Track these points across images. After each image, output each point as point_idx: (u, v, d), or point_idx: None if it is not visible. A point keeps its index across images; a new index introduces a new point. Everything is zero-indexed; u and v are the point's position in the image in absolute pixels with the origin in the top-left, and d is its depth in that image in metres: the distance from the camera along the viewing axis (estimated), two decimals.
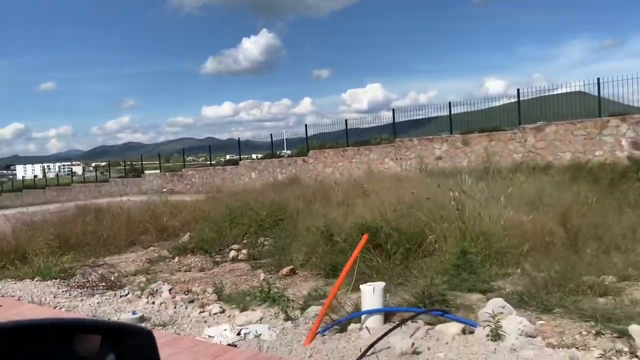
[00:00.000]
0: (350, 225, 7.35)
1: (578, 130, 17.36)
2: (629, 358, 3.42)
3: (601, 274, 5.74)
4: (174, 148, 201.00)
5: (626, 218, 8.24)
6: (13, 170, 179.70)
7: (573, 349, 3.66)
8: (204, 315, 5.49)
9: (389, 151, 22.27)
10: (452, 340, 4.01)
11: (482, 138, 19.66)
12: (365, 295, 4.54)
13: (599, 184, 11.52)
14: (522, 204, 8.81)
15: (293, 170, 25.54)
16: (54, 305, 6.57)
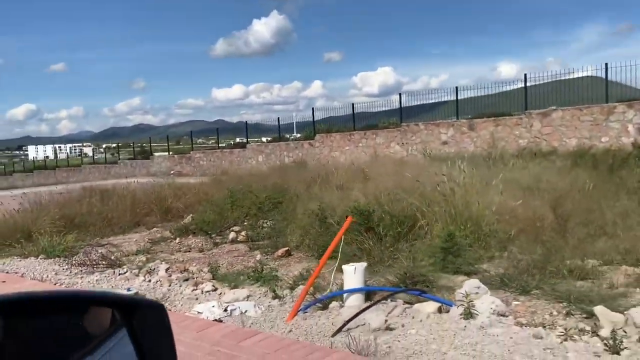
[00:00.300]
0: (344, 209, 7.53)
1: (584, 116, 17.33)
2: (589, 337, 3.58)
3: (585, 258, 5.89)
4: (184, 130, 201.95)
5: (620, 204, 8.34)
6: (25, 151, 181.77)
7: (539, 328, 3.83)
8: (196, 293, 5.74)
9: (395, 135, 22.35)
10: (427, 318, 4.21)
11: (488, 123, 19.68)
12: (347, 275, 4.74)
13: (598, 170, 11.57)
14: (518, 189, 8.95)
15: (300, 154, 25.72)
16: (55, 281, 6.86)
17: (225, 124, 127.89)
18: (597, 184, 9.87)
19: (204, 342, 3.84)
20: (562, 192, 9.05)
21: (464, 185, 7.52)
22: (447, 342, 3.66)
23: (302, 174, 13.92)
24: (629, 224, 7.20)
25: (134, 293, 5.68)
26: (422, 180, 8.59)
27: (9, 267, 8.25)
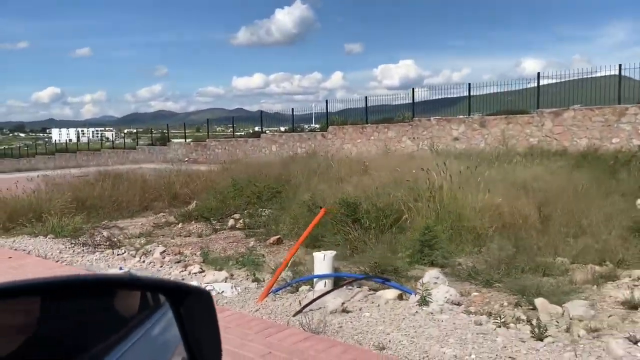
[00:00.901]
0: (335, 200, 7.89)
1: (596, 117, 17.33)
2: (523, 325, 3.89)
3: (556, 256, 6.17)
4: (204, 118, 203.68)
5: (608, 205, 8.53)
6: (49, 134, 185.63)
7: (483, 316, 4.16)
8: (183, 274, 6.18)
9: (407, 130, 22.55)
10: (385, 304, 4.56)
11: (500, 120, 19.77)
12: (316, 262, 5.12)
13: (599, 171, 11.70)
14: (512, 188, 9.20)
15: (312, 145, 26.05)
16: (57, 259, 7.38)
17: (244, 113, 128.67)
18: (592, 185, 10.06)
19: None
20: (554, 192, 9.28)
21: (449, 182, 7.80)
22: (395, 325, 4.01)
23: (308, 165, 14.29)
24: (613, 224, 7.42)
25: (127, 272, 6.15)
26: (416, 175, 8.91)
27: (18, 244, 8.82)
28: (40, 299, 0.94)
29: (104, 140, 68.02)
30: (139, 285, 1.19)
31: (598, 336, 3.62)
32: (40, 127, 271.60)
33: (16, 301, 0.90)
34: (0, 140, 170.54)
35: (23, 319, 0.92)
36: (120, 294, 1.11)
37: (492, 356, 3.38)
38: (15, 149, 65.38)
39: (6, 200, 11.74)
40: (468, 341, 3.63)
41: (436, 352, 3.47)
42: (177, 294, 1.10)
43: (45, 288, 0.94)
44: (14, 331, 0.91)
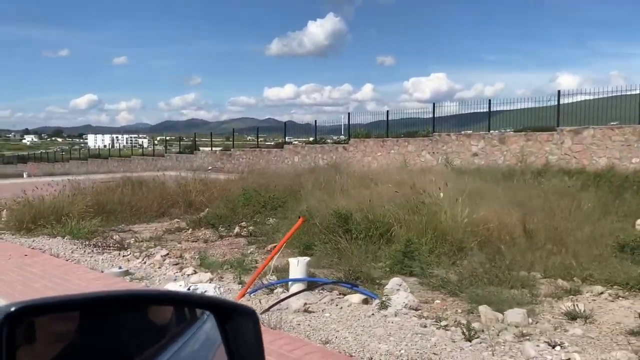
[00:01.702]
0: (328, 211, 8.38)
1: (616, 136, 17.36)
2: (461, 328, 4.27)
3: (530, 270, 6.50)
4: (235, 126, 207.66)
5: (602, 225, 8.76)
6: (85, 139, 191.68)
7: (429, 319, 4.57)
8: (177, 275, 6.74)
9: (427, 144, 22.85)
10: (348, 307, 5.01)
11: (519, 137, 19.92)
12: (291, 267, 5.61)
13: (606, 191, 11.85)
14: (510, 205, 9.51)
15: (333, 157, 26.58)
16: (68, 258, 8.06)
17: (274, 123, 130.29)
18: (596, 205, 10.28)
19: None
20: (551, 211, 9.55)
21: (440, 197, 8.19)
22: (347, 324, 4.46)
23: (319, 177, 14.80)
24: (597, 243, 7.68)
25: (124, 271, 6.75)
26: (417, 190, 9.30)
27: (36, 244, 9.56)
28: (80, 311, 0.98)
29: (138, 147, 70.21)
30: (187, 301, 1.27)
31: (523, 340, 3.99)
32: (77, 133, 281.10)
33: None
34: (39, 144, 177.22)
35: (62, 327, 0.96)
36: (154, 307, 1.15)
37: (419, 352, 3.80)
38: (51, 153, 68.05)
39: (31, 203, 12.54)
40: (405, 340, 4.06)
41: (373, 347, 3.90)
42: (224, 311, 1.15)
43: (85, 304, 0.98)
44: (53, 339, 0.96)
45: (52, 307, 0.93)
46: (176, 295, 1.43)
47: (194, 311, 1.29)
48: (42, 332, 0.93)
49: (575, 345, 3.89)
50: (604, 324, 4.45)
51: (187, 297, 1.42)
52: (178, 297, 1.32)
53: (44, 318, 0.91)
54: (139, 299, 1.13)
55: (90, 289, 5.83)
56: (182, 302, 1.26)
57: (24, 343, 0.89)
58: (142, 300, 1.13)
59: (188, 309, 1.28)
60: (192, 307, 1.27)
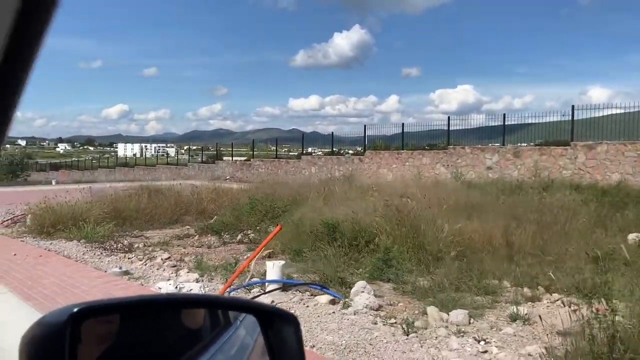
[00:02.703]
0: (318, 221, 8.95)
1: (629, 152, 17.49)
2: (408, 328, 4.78)
3: (502, 279, 6.94)
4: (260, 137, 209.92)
5: (589, 239, 9.09)
6: (115, 148, 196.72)
7: (382, 318, 5.09)
8: (171, 275, 7.40)
9: (441, 157, 23.20)
10: (314, 305, 5.57)
11: (533, 151, 20.15)
12: (268, 269, 6.20)
13: (608, 206, 12.08)
14: (505, 218, 9.95)
15: (349, 168, 27.11)
16: (78, 259, 8.83)
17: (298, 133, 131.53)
18: (593, 219, 10.61)
19: None
20: (545, 223, 9.94)
21: (419, 209, 8.69)
22: (307, 320, 5.01)
23: (326, 187, 15.37)
24: (577, 256, 8.04)
25: (124, 271, 7.45)
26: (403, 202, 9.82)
27: (53, 246, 10.37)
28: (120, 315, 1.02)
29: (165, 155, 72.12)
30: (231, 305, 1.31)
31: (456, 336, 4.49)
32: (108, 142, 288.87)
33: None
34: (71, 152, 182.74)
35: (105, 329, 0.99)
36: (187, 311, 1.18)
37: (358, 342, 4.34)
38: (81, 161, 70.35)
39: (52, 208, 13.40)
40: (351, 333, 4.59)
41: (320, 338, 4.45)
42: (266, 316, 1.17)
43: (127, 307, 1.02)
44: (96, 341, 0.99)
45: (104, 309, 0.98)
46: (217, 300, 1.48)
47: (228, 317, 1.33)
48: (88, 335, 0.96)
49: (500, 342, 4.36)
50: (540, 325, 4.88)
51: (230, 301, 1.47)
52: (220, 301, 1.37)
53: (90, 321, 0.95)
54: (182, 302, 1.18)
55: (91, 285, 6.53)
56: (225, 306, 1.31)
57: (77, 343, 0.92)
58: (185, 304, 1.17)
59: (222, 315, 1.32)
60: (236, 310, 1.30)
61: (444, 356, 4.05)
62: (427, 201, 10.59)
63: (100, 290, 6.17)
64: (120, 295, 5.87)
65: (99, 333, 0.99)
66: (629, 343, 3.42)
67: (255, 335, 1.19)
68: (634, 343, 3.44)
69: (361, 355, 4.09)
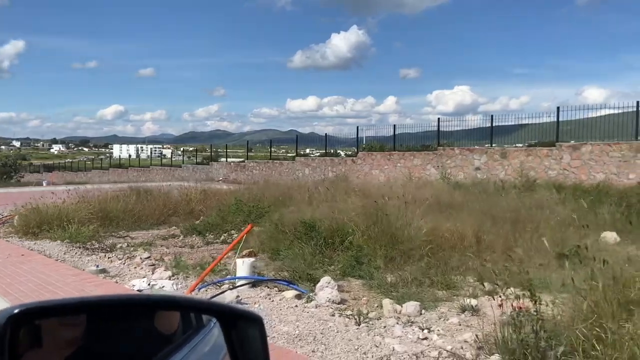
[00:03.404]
0: (296, 220, 9.24)
1: (613, 152, 17.80)
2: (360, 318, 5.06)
3: (466, 276, 7.23)
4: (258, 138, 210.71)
5: (561, 237, 9.39)
6: (110, 149, 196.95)
7: (344, 311, 5.38)
8: (147, 273, 7.67)
9: (432, 158, 23.51)
10: (280, 300, 5.85)
11: (520, 152, 20.46)
12: (238, 266, 6.49)
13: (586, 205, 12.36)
14: (482, 217, 10.27)
15: (342, 169, 27.43)
16: (58, 258, 9.09)
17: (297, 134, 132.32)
18: (568, 217, 10.90)
19: None
20: (520, 221, 10.25)
21: (396, 209, 8.98)
22: (268, 312, 5.29)
23: (313, 188, 15.66)
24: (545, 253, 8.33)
25: (101, 269, 7.72)
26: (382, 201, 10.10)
27: (37, 246, 10.63)
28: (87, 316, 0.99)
29: (161, 157, 72.45)
30: (191, 307, 1.28)
31: (405, 325, 4.79)
32: (103, 143, 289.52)
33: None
34: (66, 154, 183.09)
35: (71, 332, 0.97)
36: (161, 313, 1.16)
37: (310, 332, 4.63)
38: (75, 163, 70.66)
39: (39, 209, 13.64)
40: (307, 324, 4.88)
41: (277, 329, 4.72)
42: (229, 317, 1.15)
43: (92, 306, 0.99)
44: (63, 344, 0.96)
45: (55, 309, 0.93)
46: (181, 300, 1.44)
47: (201, 318, 1.33)
48: (49, 338, 0.92)
49: (443, 330, 4.66)
50: (488, 316, 5.15)
51: (191, 303, 1.44)
52: (183, 302, 1.32)
53: (51, 323, 0.91)
54: (144, 303, 1.15)
55: (65, 283, 6.81)
56: (187, 308, 1.28)
57: (29, 348, 0.88)
58: (147, 305, 1.14)
59: (195, 316, 1.32)
60: (197, 312, 1.30)
61: (387, 342, 4.33)
62: (408, 201, 10.90)
63: (73, 287, 6.45)
64: (93, 292, 6.15)
65: (63, 337, 0.97)
66: (552, 331, 3.71)
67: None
68: (555, 330, 3.73)
69: (309, 342, 4.37)
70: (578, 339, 3.44)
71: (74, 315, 0.99)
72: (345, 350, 4.16)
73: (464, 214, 10.54)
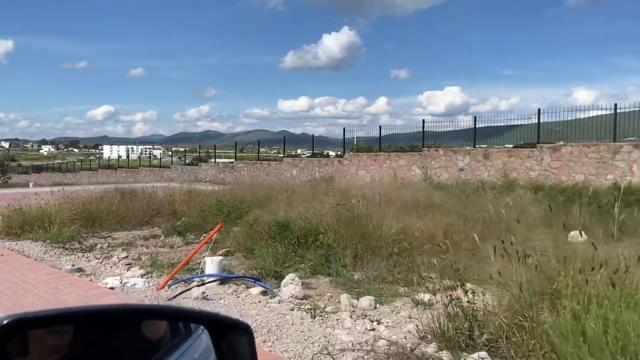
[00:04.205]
0: (270, 220, 9.54)
1: (592, 153, 18.21)
2: (315, 312, 5.36)
3: (429, 272, 7.55)
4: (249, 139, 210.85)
5: (528, 236, 9.73)
6: (101, 150, 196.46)
7: (302, 305, 5.68)
8: (122, 272, 7.93)
9: (417, 159, 23.87)
10: (245, 296, 6.14)
11: (502, 153, 20.85)
12: (207, 264, 6.78)
13: (558, 205, 12.74)
14: (455, 216, 10.60)
15: (330, 170, 27.76)
16: (36, 257, 9.34)
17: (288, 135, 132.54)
18: (538, 217, 11.26)
19: (87, 296, 6.03)
20: (490, 221, 10.58)
21: (366, 208, 9.29)
22: (231, 307, 5.59)
23: (294, 189, 15.97)
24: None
25: (77, 268, 7.98)
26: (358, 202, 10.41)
27: (18, 246, 10.85)
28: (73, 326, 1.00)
29: (152, 157, 72.61)
30: (180, 316, 1.29)
31: (359, 318, 5.10)
32: (93, 144, 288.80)
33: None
34: (55, 154, 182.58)
35: (57, 340, 0.98)
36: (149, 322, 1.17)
37: (267, 324, 4.93)
38: (64, 164, 70.63)
39: (22, 211, 13.82)
40: (265, 318, 5.17)
41: None
42: (217, 326, 1.16)
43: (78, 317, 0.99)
44: (47, 352, 0.97)
45: (47, 320, 0.94)
46: (168, 310, 1.47)
47: (189, 326, 1.33)
48: (36, 346, 0.92)
49: (392, 322, 4.98)
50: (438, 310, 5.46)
51: (179, 312, 1.44)
52: (170, 312, 1.33)
53: (38, 331, 0.91)
54: (131, 312, 1.16)
55: (40, 281, 7.06)
56: (174, 317, 1.29)
57: (16, 357, 0.88)
58: (134, 314, 1.16)
59: (183, 323, 1.32)
60: (184, 321, 1.31)
61: (335, 333, 4.64)
62: (383, 201, 11.25)
63: (47, 285, 6.71)
64: (66, 289, 6.42)
65: (50, 344, 0.97)
66: (483, 320, 4.03)
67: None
68: (485, 319, 4.04)
69: (264, 334, 4.67)
70: (502, 327, 3.76)
71: (64, 325, 1.00)
72: (295, 341, 4.46)
73: (438, 214, 10.89)
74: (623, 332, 2.87)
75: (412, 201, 12.89)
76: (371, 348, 4.06)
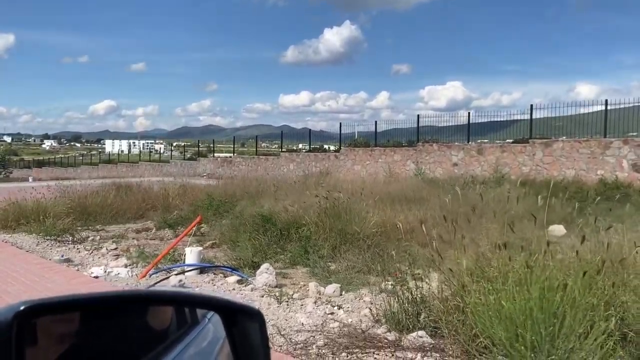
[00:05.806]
0: (254, 213, 9.89)
1: (583, 149, 18.48)
2: (281, 298, 5.71)
3: (402, 264, 7.88)
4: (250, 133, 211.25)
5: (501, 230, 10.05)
6: (102, 144, 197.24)
7: (271, 292, 6.03)
8: (108, 262, 8.29)
9: (412, 154, 24.16)
10: (221, 284, 6.50)
11: (495, 149, 21.13)
12: (187, 254, 7.13)
13: (542, 200, 13.03)
14: (435, 209, 10.92)
15: (326, 165, 28.08)
16: (28, 249, 9.71)
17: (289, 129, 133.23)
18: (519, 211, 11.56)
19: (71, 284, 6.39)
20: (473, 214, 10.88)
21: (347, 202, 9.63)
22: (203, 293, 5.94)
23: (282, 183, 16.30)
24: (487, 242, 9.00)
25: (65, 258, 8.35)
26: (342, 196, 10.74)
27: (12, 238, 11.22)
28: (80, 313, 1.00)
29: (150, 152, 73.08)
30: (189, 301, 1.28)
31: (322, 303, 5.45)
32: (95, 138, 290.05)
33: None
34: (58, 149, 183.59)
35: (65, 328, 0.98)
36: (154, 309, 1.19)
37: None
38: (65, 158, 71.15)
39: (18, 204, 14.17)
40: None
41: None
42: (229, 312, 1.17)
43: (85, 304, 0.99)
44: (54, 341, 0.98)
45: (58, 306, 0.94)
46: (179, 296, 1.46)
47: (195, 315, 1.34)
48: (44, 334, 0.93)
49: (352, 307, 5.34)
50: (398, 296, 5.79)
51: (189, 298, 1.42)
52: (180, 298, 1.33)
53: (46, 320, 0.92)
54: (141, 298, 1.17)
55: (27, 269, 7.43)
56: (185, 303, 1.29)
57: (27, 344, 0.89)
58: (144, 300, 1.16)
59: (189, 312, 1.32)
60: (196, 307, 1.30)
61: (297, 317, 4.98)
62: (371, 195, 11.56)
63: (34, 274, 7.07)
64: (49, 277, 6.78)
65: (57, 332, 0.97)
66: (428, 303, 4.37)
67: (224, 333, 1.19)
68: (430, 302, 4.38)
69: None
70: (441, 309, 4.10)
71: (76, 310, 1.01)
72: None
73: (424, 208, 11.22)
74: (528, 308, 3.20)
75: (399, 195, 13.22)
76: (321, 330, 4.40)
